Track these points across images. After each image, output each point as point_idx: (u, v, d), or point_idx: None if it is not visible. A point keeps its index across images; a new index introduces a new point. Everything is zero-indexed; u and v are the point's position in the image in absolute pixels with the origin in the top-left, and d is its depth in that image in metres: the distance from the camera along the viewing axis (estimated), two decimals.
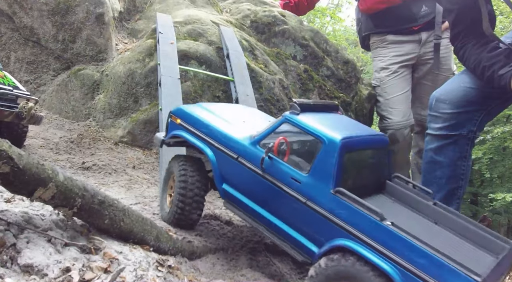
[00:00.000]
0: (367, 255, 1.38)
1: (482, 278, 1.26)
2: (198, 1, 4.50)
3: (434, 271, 1.29)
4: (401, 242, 1.35)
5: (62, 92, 3.79)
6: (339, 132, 1.60)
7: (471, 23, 2.34)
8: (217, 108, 2.17)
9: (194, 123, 2.01)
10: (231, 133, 1.86)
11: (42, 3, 3.77)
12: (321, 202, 1.54)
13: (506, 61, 2.19)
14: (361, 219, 1.44)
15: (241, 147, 1.80)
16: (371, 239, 1.41)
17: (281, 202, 1.66)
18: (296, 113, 1.70)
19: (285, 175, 1.64)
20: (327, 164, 1.55)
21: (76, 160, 2.92)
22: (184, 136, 2.02)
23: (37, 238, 1.31)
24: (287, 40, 4.06)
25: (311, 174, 1.58)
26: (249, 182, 1.76)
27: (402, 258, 1.34)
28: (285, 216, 1.67)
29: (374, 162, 1.85)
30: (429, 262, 1.30)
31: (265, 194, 1.71)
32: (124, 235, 1.56)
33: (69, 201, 1.35)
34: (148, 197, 2.46)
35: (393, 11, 3.68)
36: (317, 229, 1.56)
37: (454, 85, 2.58)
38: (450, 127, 2.52)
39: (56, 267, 1.24)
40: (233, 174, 1.84)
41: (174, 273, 1.55)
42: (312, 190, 1.57)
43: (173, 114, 2.14)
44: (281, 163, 1.67)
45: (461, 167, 2.57)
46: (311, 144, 1.63)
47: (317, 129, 1.61)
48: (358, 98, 4.14)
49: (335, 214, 1.50)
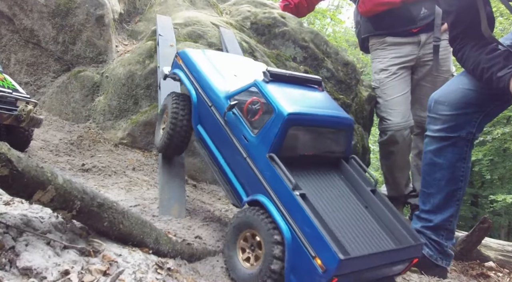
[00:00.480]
0: (273, 213, 1.63)
1: (346, 257, 1.43)
2: (198, 3, 4.51)
3: (314, 241, 1.50)
4: (299, 210, 1.57)
5: (62, 94, 3.80)
6: (292, 107, 1.75)
7: (469, 24, 2.34)
8: (217, 58, 2.40)
9: (189, 67, 2.28)
10: (214, 84, 2.10)
11: (42, 5, 3.77)
12: (257, 161, 1.79)
13: (505, 63, 2.20)
14: (279, 184, 1.67)
15: (216, 98, 2.05)
16: (280, 202, 1.65)
17: (231, 152, 1.93)
18: (265, 81, 1.86)
19: (239, 131, 1.89)
20: (270, 132, 1.74)
21: (76, 162, 2.93)
22: (179, 75, 2.32)
23: (36, 240, 1.31)
24: (287, 42, 4.07)
25: (257, 136, 1.79)
26: (215, 128, 2.04)
27: (296, 223, 1.57)
28: (231, 164, 1.95)
29: (328, 140, 1.96)
30: (311, 232, 1.51)
31: (222, 141, 1.99)
32: (123, 238, 1.56)
33: (68, 203, 1.35)
34: (148, 199, 2.47)
35: (393, 14, 3.68)
36: (249, 182, 1.83)
37: (452, 87, 2.58)
38: (449, 129, 2.52)
39: (55, 270, 1.25)
40: (205, 118, 2.12)
41: (173, 275, 1.55)
42: (254, 150, 1.81)
43: (178, 55, 2.41)
44: (240, 119, 1.89)
45: (460, 169, 2.58)
46: (266, 110, 1.81)
47: (273, 99, 1.77)
48: (358, 100, 4.14)
49: (263, 174, 1.74)
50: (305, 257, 1.52)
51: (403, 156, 3.86)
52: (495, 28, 8.18)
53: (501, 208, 11.07)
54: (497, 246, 3.52)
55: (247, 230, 1.73)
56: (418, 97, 3.90)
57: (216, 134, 2.04)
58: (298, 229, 1.55)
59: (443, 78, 3.66)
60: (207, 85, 2.12)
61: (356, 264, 1.52)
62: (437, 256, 2.60)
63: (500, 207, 10.56)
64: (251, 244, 1.72)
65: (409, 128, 3.76)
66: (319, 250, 1.47)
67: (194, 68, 2.24)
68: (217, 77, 2.15)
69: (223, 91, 2.04)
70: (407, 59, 3.77)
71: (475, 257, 3.26)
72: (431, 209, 2.61)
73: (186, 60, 2.32)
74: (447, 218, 2.58)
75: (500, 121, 10.11)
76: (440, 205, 2.59)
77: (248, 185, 1.84)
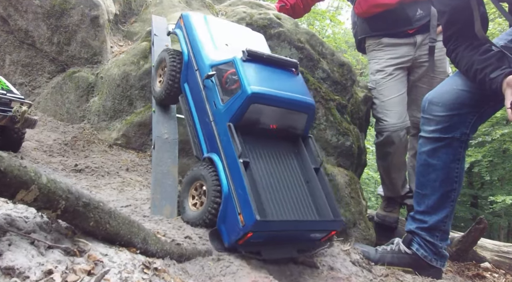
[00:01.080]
0: (220, 171, 1.95)
1: (262, 219, 1.73)
2: (193, 4, 4.50)
3: (242, 201, 1.81)
4: (238, 174, 1.86)
5: (57, 95, 3.79)
6: (257, 86, 1.98)
7: (463, 25, 2.34)
8: (216, 25, 2.57)
9: (187, 29, 2.48)
10: (203, 50, 2.31)
11: (37, 6, 3.77)
12: (218, 126, 2.08)
13: (497, 64, 2.19)
14: (229, 149, 1.96)
15: (202, 64, 2.28)
16: (227, 164, 1.95)
17: (203, 113, 2.21)
18: (242, 60, 2.08)
19: (212, 98, 2.15)
20: (234, 105, 2.00)
21: (69, 162, 2.92)
22: (177, 35, 2.56)
23: (19, 240, 1.30)
24: (283, 43, 4.05)
25: (224, 106, 2.05)
26: (196, 90, 2.30)
27: (234, 184, 1.88)
28: (201, 123, 2.24)
29: (288, 119, 2.16)
30: (242, 193, 1.81)
31: (199, 102, 2.26)
32: (110, 237, 1.55)
33: (53, 203, 1.34)
34: (140, 199, 2.45)
35: (389, 15, 3.68)
36: (210, 141, 2.14)
37: (447, 87, 2.57)
38: (443, 130, 2.52)
39: (38, 270, 1.23)
40: (190, 78, 2.37)
41: (161, 275, 1.54)
42: (218, 116, 2.09)
43: (181, 16, 2.60)
44: (215, 88, 2.13)
45: (454, 170, 2.57)
46: (237, 86, 2.05)
47: (242, 77, 2.01)
48: (354, 101, 4.12)
49: (220, 138, 2.05)
50: (233, 212, 1.84)
51: (400, 156, 3.85)
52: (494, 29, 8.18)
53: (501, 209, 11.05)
54: (493, 246, 3.51)
55: (198, 181, 2.08)
56: (414, 98, 3.90)
57: (196, 95, 2.30)
58: (234, 189, 1.87)
59: (439, 79, 3.66)
60: (198, 50, 2.34)
61: (271, 225, 1.84)
62: (431, 257, 2.60)
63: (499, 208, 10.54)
64: (199, 193, 2.09)
65: (406, 129, 3.75)
66: (244, 209, 1.78)
67: (191, 32, 2.44)
68: (209, 45, 2.36)
69: (209, 59, 2.26)
70: (403, 60, 3.77)
71: (471, 258, 3.26)
72: (426, 210, 2.60)
73: (186, 23, 2.52)
74: (442, 219, 2.58)
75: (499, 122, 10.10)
76: (434, 206, 2.58)
77: (209, 143, 2.15)
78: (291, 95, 2.11)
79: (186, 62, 2.41)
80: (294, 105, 2.13)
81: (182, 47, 2.47)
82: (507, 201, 9.21)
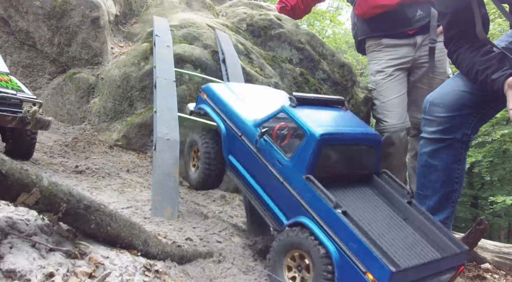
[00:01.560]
0: (317, 233, 1.65)
1: (397, 269, 1.45)
2: (194, 5, 4.50)
3: (362, 256, 1.51)
4: (343, 227, 1.58)
5: (58, 96, 3.79)
6: (323, 127, 1.79)
7: (464, 26, 2.33)
8: (240, 89, 2.45)
9: (215, 100, 2.33)
10: (241, 114, 2.14)
11: (37, 7, 3.77)
12: (293, 184, 1.81)
13: (499, 65, 2.19)
14: (319, 204, 1.69)
15: (245, 127, 2.08)
16: (322, 221, 1.66)
17: (267, 178, 1.94)
18: (292, 106, 1.89)
19: (273, 156, 1.91)
20: (304, 154, 1.77)
21: (70, 164, 2.92)
22: (206, 110, 2.36)
23: (21, 243, 1.30)
24: (283, 44, 4.06)
25: (291, 159, 1.82)
26: (247, 156, 2.06)
27: (341, 240, 1.58)
28: (268, 190, 1.96)
29: (359, 157, 2.01)
30: (359, 247, 1.52)
31: (256, 168, 2.01)
32: (111, 240, 1.55)
33: (54, 205, 1.34)
34: (141, 201, 2.45)
35: (389, 16, 3.68)
36: (288, 205, 1.84)
37: (448, 88, 2.57)
38: (444, 131, 2.51)
39: (39, 272, 1.23)
40: (236, 147, 2.14)
41: (162, 277, 1.54)
42: (289, 173, 1.83)
43: (202, 90, 2.46)
44: (272, 145, 1.92)
45: (455, 171, 2.57)
46: (298, 134, 1.87)
47: (303, 122, 1.81)
48: (354, 102, 4.13)
49: (302, 196, 1.77)
50: (355, 273, 1.52)
51: (400, 157, 3.85)
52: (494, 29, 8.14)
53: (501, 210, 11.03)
54: (494, 247, 3.51)
55: (294, 250, 1.74)
56: (414, 99, 3.90)
57: (248, 162, 2.05)
58: (344, 246, 1.57)
59: (439, 80, 3.66)
60: (235, 116, 2.16)
61: (407, 275, 1.54)
62: None
63: (500, 208, 10.52)
64: (298, 265, 1.75)
65: (406, 130, 3.76)
66: (369, 265, 1.49)
67: (219, 101, 2.28)
68: (242, 107, 2.20)
69: (250, 120, 2.07)
70: (403, 61, 3.77)
71: (472, 259, 3.25)
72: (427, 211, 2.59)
73: (211, 94, 2.36)
74: (443, 220, 2.57)
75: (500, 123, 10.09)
76: (435, 207, 2.58)
77: (288, 207, 1.85)
78: (355, 130, 1.96)
79: (225, 134, 2.19)
80: (361, 140, 1.97)
81: (215, 120, 2.27)
82: (507, 202, 9.18)
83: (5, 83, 2.59)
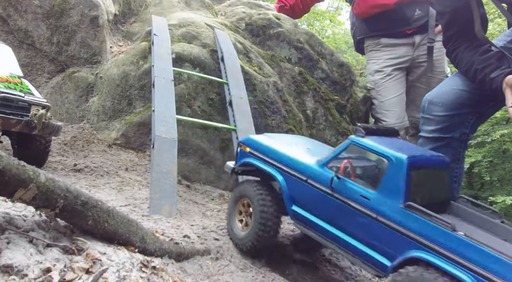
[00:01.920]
0: (443, 265, 1.44)
1: None
2: (193, 4, 4.51)
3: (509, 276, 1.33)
4: (476, 250, 1.41)
5: (57, 95, 3.79)
6: (404, 152, 1.70)
7: (463, 26, 2.33)
8: (282, 137, 2.37)
9: (263, 151, 2.18)
10: (299, 158, 2.01)
11: (36, 6, 3.78)
12: (391, 216, 1.63)
13: (497, 64, 2.19)
14: (434, 231, 1.51)
15: (310, 170, 1.93)
16: (445, 249, 1.47)
17: (351, 219, 1.75)
18: (361, 136, 1.83)
19: (354, 193, 1.74)
20: (395, 181, 1.64)
21: (69, 162, 2.92)
22: (255, 164, 2.19)
23: (18, 238, 1.30)
24: (282, 43, 4.06)
25: (380, 191, 1.68)
26: (319, 201, 1.88)
27: (477, 265, 1.39)
28: (355, 232, 1.76)
29: (437, 181, 1.89)
30: (503, 268, 1.34)
31: (334, 212, 1.82)
32: (108, 236, 1.55)
33: (51, 202, 1.34)
34: (139, 199, 2.46)
35: (387, 15, 3.69)
36: (388, 242, 1.64)
37: (446, 87, 2.57)
38: (443, 130, 2.51)
39: (36, 268, 1.23)
40: (302, 195, 1.97)
41: (159, 274, 1.54)
42: (382, 206, 1.66)
43: (242, 144, 2.31)
44: (350, 182, 1.77)
45: (454, 170, 2.56)
46: (378, 163, 1.76)
47: (383, 149, 1.73)
48: (353, 101, 4.13)
49: (407, 227, 1.58)
50: None
51: None
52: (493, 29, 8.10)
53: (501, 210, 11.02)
54: None
55: None
56: (413, 98, 3.91)
57: (322, 207, 1.88)
58: (482, 270, 1.39)
59: (438, 79, 3.67)
60: (294, 162, 2.02)
61: None
62: None
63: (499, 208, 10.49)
64: None
65: (404, 129, 3.76)
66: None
67: (270, 151, 2.15)
68: (297, 152, 2.08)
69: (312, 162, 1.95)
70: (401, 60, 3.78)
71: None
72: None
73: (256, 146, 2.23)
74: None
75: (499, 122, 10.08)
76: None
77: (388, 246, 1.65)
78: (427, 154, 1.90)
79: (285, 184, 2.02)
80: (437, 162, 1.89)
81: (269, 172, 2.10)
82: (507, 202, 9.16)
83: (14, 85, 2.50)
